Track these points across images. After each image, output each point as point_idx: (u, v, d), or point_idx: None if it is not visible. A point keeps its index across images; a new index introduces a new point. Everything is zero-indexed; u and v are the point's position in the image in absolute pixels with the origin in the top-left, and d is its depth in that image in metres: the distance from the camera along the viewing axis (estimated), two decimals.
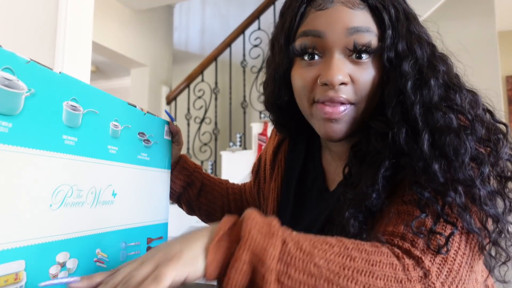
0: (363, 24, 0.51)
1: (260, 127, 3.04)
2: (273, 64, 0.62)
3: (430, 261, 0.43)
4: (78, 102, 0.49)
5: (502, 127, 0.52)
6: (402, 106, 0.50)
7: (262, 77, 3.07)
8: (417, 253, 0.43)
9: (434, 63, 0.52)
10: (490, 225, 0.47)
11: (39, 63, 0.43)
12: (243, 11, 3.95)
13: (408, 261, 0.42)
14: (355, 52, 0.52)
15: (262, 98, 0.70)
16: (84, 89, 0.50)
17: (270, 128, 3.04)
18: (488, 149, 0.49)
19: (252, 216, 0.40)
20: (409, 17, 0.55)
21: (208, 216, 0.84)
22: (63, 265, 0.46)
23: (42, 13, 1.16)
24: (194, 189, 0.80)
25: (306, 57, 0.54)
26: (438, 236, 0.44)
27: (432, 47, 0.54)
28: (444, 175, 0.45)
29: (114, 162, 0.56)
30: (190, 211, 0.84)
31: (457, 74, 0.55)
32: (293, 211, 0.66)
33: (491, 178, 0.48)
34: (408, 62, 0.51)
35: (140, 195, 0.63)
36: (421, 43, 0.53)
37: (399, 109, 0.50)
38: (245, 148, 3.20)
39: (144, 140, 0.64)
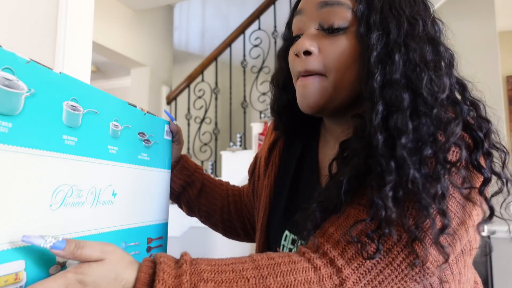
0: None
1: (260, 127, 3.04)
2: (280, 47, 0.68)
3: (353, 269, 0.45)
4: (78, 102, 0.48)
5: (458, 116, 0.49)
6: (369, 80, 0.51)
7: (262, 77, 3.06)
8: (340, 263, 0.46)
9: (407, 41, 0.50)
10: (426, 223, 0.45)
11: (39, 63, 0.43)
12: (243, 11, 3.95)
13: (325, 271, 0.45)
14: (324, 31, 0.55)
15: (263, 98, 0.72)
16: (84, 89, 0.50)
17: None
18: (441, 134, 0.47)
19: (163, 278, 0.42)
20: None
21: (207, 217, 0.83)
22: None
23: (42, 13, 1.16)
24: (195, 189, 0.80)
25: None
26: (371, 247, 0.46)
27: (413, 26, 0.51)
28: (384, 149, 0.46)
29: (114, 162, 0.56)
30: (190, 211, 0.83)
31: (449, 62, 0.53)
32: (286, 209, 0.66)
33: (433, 162, 0.46)
34: (376, 35, 0.51)
35: (140, 195, 0.63)
36: (398, 20, 0.51)
37: (369, 84, 0.50)
38: (245, 148, 3.20)
39: (144, 140, 0.64)
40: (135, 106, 0.62)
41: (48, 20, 1.17)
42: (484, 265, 2.40)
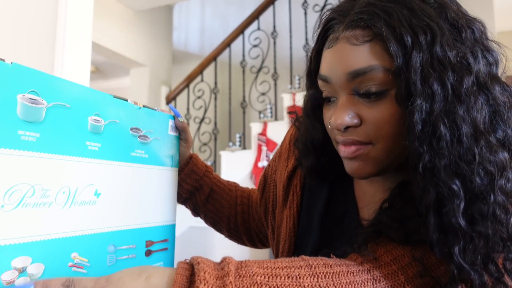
0: (364, 64, 0.45)
1: (259, 127, 3.04)
2: (305, 102, 0.60)
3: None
4: (39, 95, 0.45)
5: None
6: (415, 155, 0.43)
7: (261, 77, 3.05)
8: (403, 278, 0.43)
9: (453, 108, 0.41)
10: None
11: None
12: (242, 11, 3.95)
13: (385, 284, 0.43)
14: (360, 95, 0.47)
15: (262, 98, 0.66)
16: (48, 81, 0.46)
17: (270, 128, 3.05)
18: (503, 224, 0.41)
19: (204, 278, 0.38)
20: (435, 35, 0.43)
21: (213, 223, 0.80)
22: (22, 271, 0.42)
23: (41, 13, 1.16)
24: (202, 195, 0.76)
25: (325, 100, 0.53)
26: None
27: (461, 78, 0.42)
28: (441, 252, 0.41)
29: (96, 160, 0.52)
30: (196, 214, 0.80)
31: (510, 104, 0.44)
32: (317, 244, 0.61)
33: (501, 262, 0.42)
34: (419, 104, 0.42)
35: (135, 195, 0.58)
36: (442, 78, 0.42)
37: (413, 158, 0.43)
38: (244, 148, 3.20)
39: (139, 136, 0.60)
40: (126, 100, 0.58)
41: (47, 20, 1.17)
42: None
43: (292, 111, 0.69)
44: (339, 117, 0.47)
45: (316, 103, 0.56)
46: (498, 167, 0.41)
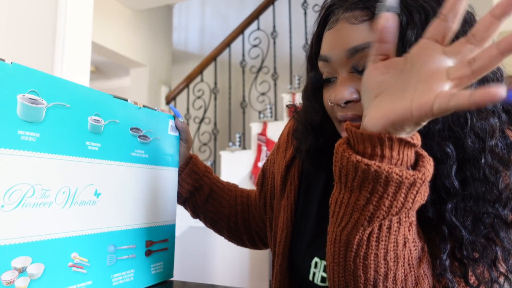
0: (362, 40, 0.47)
1: (259, 127, 3.04)
2: (306, 85, 0.61)
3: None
4: (39, 95, 0.45)
5: None
6: None
7: (261, 77, 3.03)
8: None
9: None
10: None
11: None
12: (242, 11, 3.95)
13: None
14: (359, 73, 0.49)
15: (262, 98, 0.66)
16: (48, 81, 0.46)
17: (270, 128, 3.04)
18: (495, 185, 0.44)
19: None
20: (428, 15, 0.46)
21: (213, 224, 0.80)
22: (22, 271, 0.42)
23: (41, 13, 1.16)
24: (202, 195, 0.77)
25: (325, 81, 0.55)
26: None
27: None
28: (433, 213, 0.44)
29: (96, 160, 0.52)
30: (195, 215, 0.80)
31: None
32: (315, 234, 0.61)
33: (491, 221, 0.43)
34: None
35: (135, 195, 0.59)
36: None
37: None
38: (244, 148, 3.20)
39: (139, 136, 0.60)
40: (126, 100, 0.58)
41: (47, 20, 1.17)
42: None
43: (291, 104, 0.70)
44: (339, 92, 0.49)
45: (316, 85, 0.58)
46: (488, 130, 0.44)
